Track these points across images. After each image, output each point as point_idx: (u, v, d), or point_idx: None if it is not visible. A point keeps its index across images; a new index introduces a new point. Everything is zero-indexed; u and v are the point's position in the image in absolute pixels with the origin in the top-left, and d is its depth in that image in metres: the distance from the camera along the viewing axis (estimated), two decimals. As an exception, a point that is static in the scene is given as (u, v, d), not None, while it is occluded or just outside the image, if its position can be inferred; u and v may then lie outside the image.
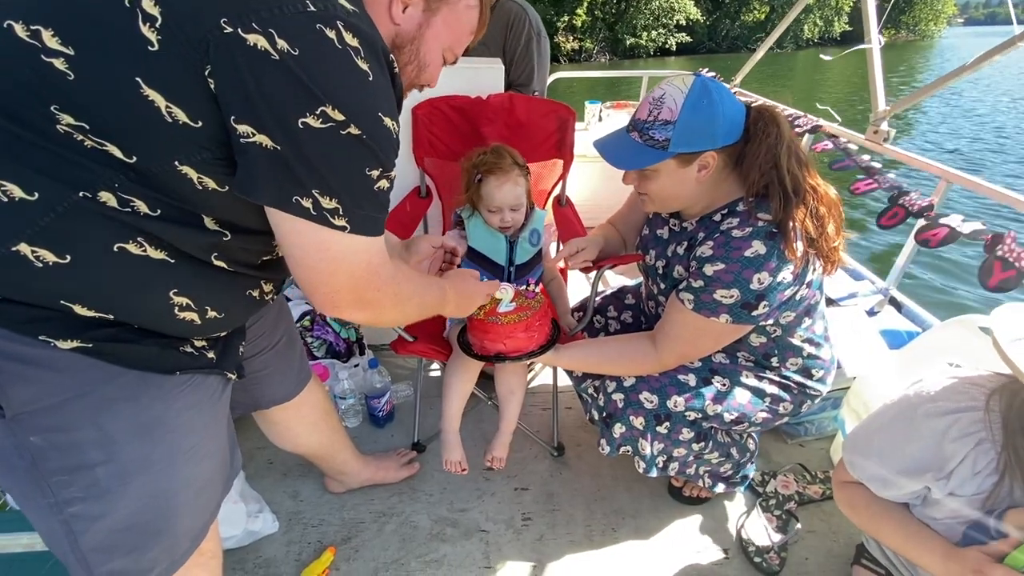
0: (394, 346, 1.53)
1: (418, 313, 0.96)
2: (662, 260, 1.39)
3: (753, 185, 1.17)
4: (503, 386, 1.53)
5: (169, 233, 0.73)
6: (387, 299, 0.84)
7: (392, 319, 0.90)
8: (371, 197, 0.74)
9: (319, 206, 0.71)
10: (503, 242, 1.57)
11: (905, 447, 0.97)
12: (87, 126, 0.65)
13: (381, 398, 1.88)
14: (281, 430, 1.41)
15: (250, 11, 0.63)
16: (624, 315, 1.65)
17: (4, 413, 0.72)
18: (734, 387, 1.34)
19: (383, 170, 0.74)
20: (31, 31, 0.63)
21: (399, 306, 0.88)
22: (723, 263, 1.16)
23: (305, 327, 2.01)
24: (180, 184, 0.71)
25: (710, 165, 1.17)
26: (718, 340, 1.26)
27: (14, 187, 0.65)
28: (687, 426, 1.33)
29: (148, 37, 0.63)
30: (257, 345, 1.20)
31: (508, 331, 1.31)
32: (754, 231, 1.15)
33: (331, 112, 0.67)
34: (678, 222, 1.36)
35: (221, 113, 0.66)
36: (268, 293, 0.94)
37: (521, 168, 1.55)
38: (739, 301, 1.17)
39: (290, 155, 0.67)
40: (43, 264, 0.68)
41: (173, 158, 0.69)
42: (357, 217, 0.73)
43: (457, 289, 1.14)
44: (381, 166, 0.73)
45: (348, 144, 0.69)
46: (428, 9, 0.84)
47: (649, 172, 1.21)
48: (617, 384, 1.36)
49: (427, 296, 0.98)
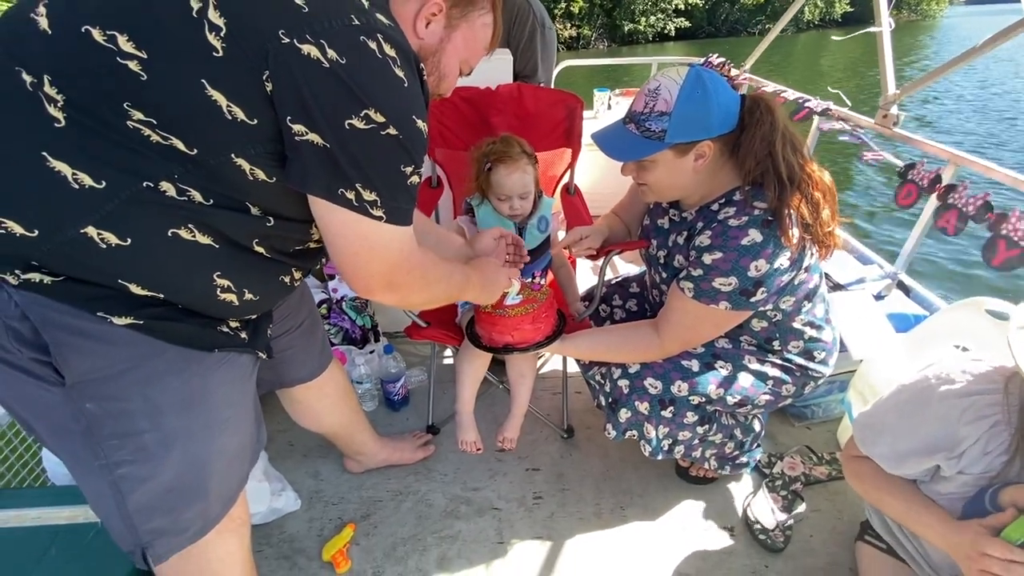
0: (408, 332, 1.57)
1: (445, 295, 1.02)
2: (663, 249, 1.40)
3: (749, 173, 1.18)
4: (514, 371, 1.57)
5: (218, 220, 0.79)
6: (416, 282, 0.90)
7: (419, 301, 0.96)
8: (404, 190, 0.80)
9: (361, 198, 0.77)
10: (512, 229, 1.60)
11: (920, 427, 0.98)
12: (155, 121, 0.71)
13: (396, 383, 1.92)
14: (304, 408, 1.46)
15: (304, 24, 0.70)
16: (629, 303, 1.68)
17: (65, 381, 0.78)
18: (737, 371, 1.35)
19: (415, 166, 0.80)
20: (107, 35, 0.69)
21: (426, 289, 0.94)
22: (721, 252, 1.18)
23: (322, 315, 2.06)
24: (233, 175, 0.76)
25: (706, 154, 1.18)
26: (719, 326, 1.28)
27: (85, 176, 0.71)
28: (691, 410, 1.35)
29: (214, 44, 0.69)
30: (283, 326, 1.26)
31: (515, 323, 1.34)
32: (750, 219, 1.16)
33: (373, 115, 0.73)
34: (677, 212, 1.37)
35: (276, 113, 0.73)
36: (297, 280, 1.00)
37: (529, 157, 1.57)
38: (737, 288, 1.18)
39: (337, 152, 0.74)
40: (107, 246, 0.74)
41: (230, 151, 0.75)
42: (392, 208, 0.79)
43: (481, 274, 1.19)
44: (413, 163, 0.80)
45: (387, 143, 0.75)
46: (449, 25, 0.91)
47: (647, 163, 1.22)
48: (622, 371, 1.38)
49: (452, 280, 1.04)
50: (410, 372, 2.09)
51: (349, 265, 0.83)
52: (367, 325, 2.12)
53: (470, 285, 1.12)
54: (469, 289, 1.12)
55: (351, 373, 1.93)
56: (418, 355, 2.23)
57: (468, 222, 1.64)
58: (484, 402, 1.98)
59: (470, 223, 1.63)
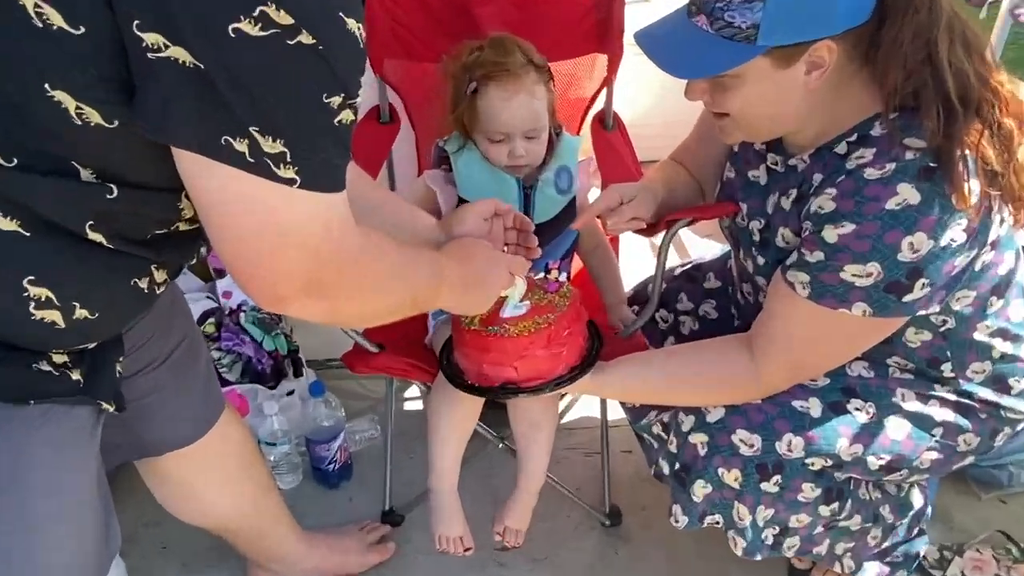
0: (350, 361, 1.57)
1: (402, 304, 1.02)
2: (758, 219, 1.39)
3: (895, 92, 1.17)
4: (522, 421, 1.57)
5: (28, 191, 0.79)
6: (352, 283, 0.91)
7: (360, 313, 0.96)
8: (330, 135, 0.80)
9: (258, 150, 0.76)
10: (513, 188, 1.59)
11: None
12: None
13: (331, 443, 1.92)
14: (181, 491, 1.46)
15: None
16: (704, 307, 1.66)
17: None
18: (884, 415, 1.35)
19: (346, 96, 0.80)
20: None
21: (371, 294, 0.94)
22: (853, 222, 1.17)
23: (208, 334, 2.06)
24: (50, 117, 0.76)
25: (826, 62, 1.17)
26: (852, 343, 1.28)
27: None
28: (810, 480, 1.35)
29: None
30: (142, 359, 1.25)
31: (520, 347, 1.33)
32: (900, 168, 1.15)
33: (273, 13, 0.71)
34: (780, 158, 1.37)
35: (115, 16, 0.72)
36: (160, 284, 1.00)
37: (539, 70, 1.56)
38: (882, 281, 1.18)
39: (218, 76, 0.72)
40: None
41: (42, 80, 0.74)
42: (312, 165, 0.79)
43: (461, 266, 1.18)
44: (344, 90, 0.79)
45: (297, 59, 0.74)
46: None
47: (728, 80, 1.21)
48: (696, 418, 1.38)
49: (414, 277, 1.04)
50: (354, 425, 2.09)
51: (240, 260, 0.83)
52: (282, 350, 2.12)
53: (444, 285, 1.12)
54: (443, 291, 1.12)
55: (257, 429, 1.93)
56: (367, 397, 2.23)
57: (442, 180, 1.62)
58: (475, 470, 1.98)
59: (445, 182, 1.62)
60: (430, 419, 1.54)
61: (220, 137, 0.75)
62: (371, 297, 0.95)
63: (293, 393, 2.07)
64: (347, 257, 0.88)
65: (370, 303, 0.96)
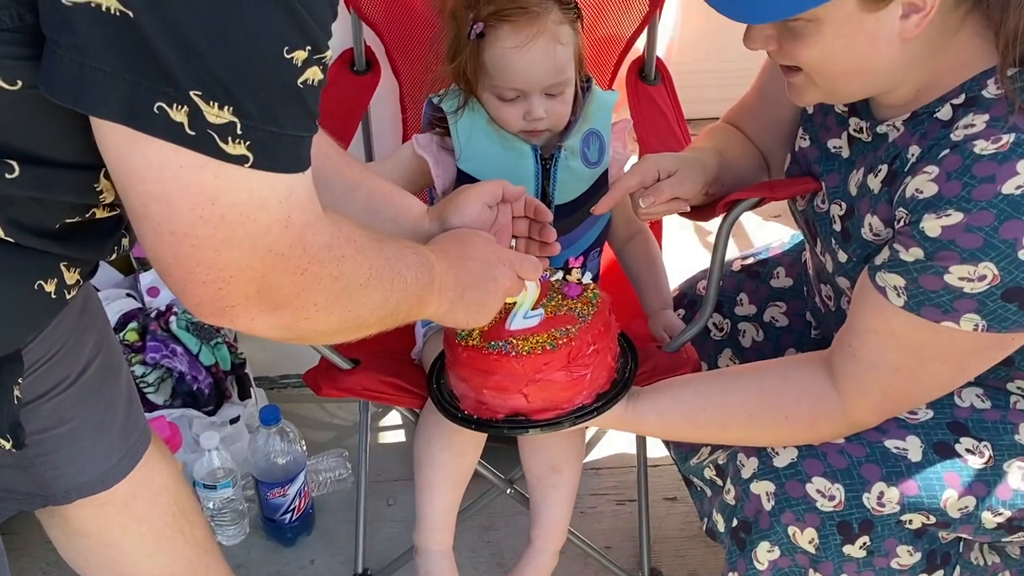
0: (314, 380, 1.58)
1: (374, 318, 1.03)
2: (839, 203, 1.40)
3: (1015, 43, 1.18)
4: (538, 459, 1.59)
5: None
6: (315, 290, 0.91)
7: (323, 328, 0.97)
8: (292, 100, 0.81)
9: (201, 120, 0.77)
10: (529, 160, 1.60)
11: None
12: None
13: (287, 486, 1.92)
14: (93, 550, 1.48)
15: None
16: (771, 312, 1.67)
17: None
18: (1003, 458, 1.35)
19: (312, 49, 0.81)
20: None
21: (339, 304, 0.95)
22: (961, 210, 1.17)
23: (129, 343, 2.07)
24: None
25: (927, 4, 1.17)
26: (962, 366, 1.28)
27: None
28: (907, 541, 1.36)
29: None
30: (46, 379, 1.26)
31: (531, 369, 1.34)
32: (1019, 141, 1.15)
33: None
34: (866, 124, 1.38)
35: None
36: (71, 286, 1.00)
37: (564, 5, 1.56)
38: (999, 286, 1.18)
39: (150, 25, 0.73)
40: None
41: None
42: (267, 138, 0.80)
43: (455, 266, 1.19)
44: (310, 42, 0.80)
45: (251, 5, 0.75)
46: None
47: (803, 25, 1.22)
48: (760, 462, 1.40)
49: (400, 279, 1.04)
50: (317, 463, 2.10)
51: (176, 260, 0.83)
52: (223, 365, 2.13)
53: (434, 289, 1.13)
54: (432, 297, 1.13)
55: (192, 468, 1.94)
56: (335, 427, 2.23)
57: (436, 148, 1.64)
58: (475, 523, 1.98)
59: (439, 149, 1.64)
60: (417, 457, 1.56)
61: (153, 104, 0.75)
62: (339, 308, 0.96)
63: (238, 420, 2.07)
64: (310, 256, 0.89)
65: (337, 316, 0.96)
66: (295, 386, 2.24)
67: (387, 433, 2.21)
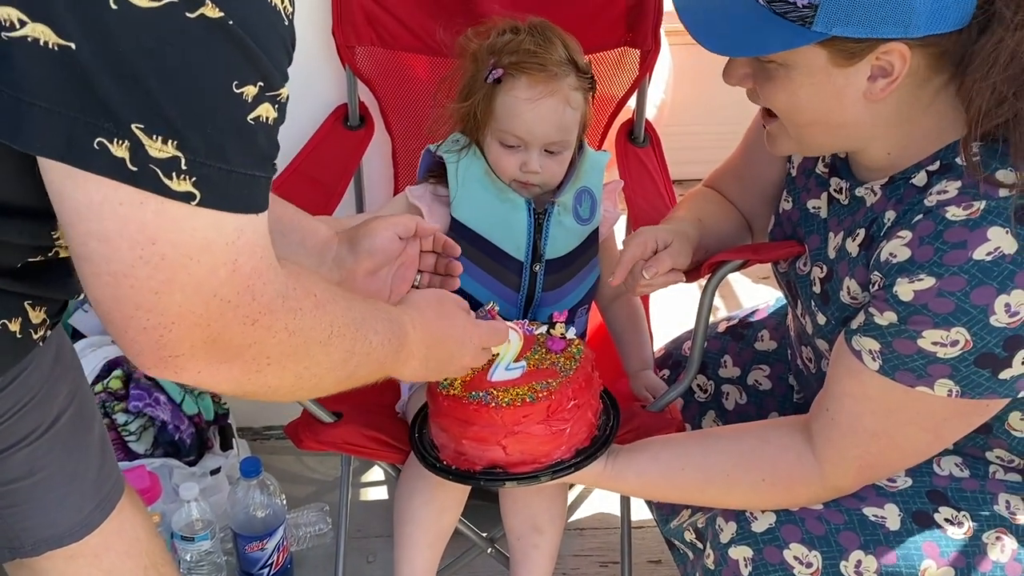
0: (296, 433, 1.57)
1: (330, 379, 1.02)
2: (820, 264, 1.41)
3: (982, 118, 1.19)
4: (519, 517, 1.58)
5: None
6: (272, 344, 0.89)
7: (275, 385, 0.94)
8: (242, 137, 0.80)
9: (143, 155, 0.75)
10: (522, 212, 1.61)
11: None
12: None
13: (267, 540, 1.92)
14: None
15: None
16: (754, 374, 1.67)
17: None
18: (982, 529, 1.34)
19: (264, 86, 0.80)
20: None
21: (293, 359, 0.93)
22: (933, 275, 1.18)
23: (113, 391, 2.06)
24: None
25: (895, 70, 1.19)
26: (937, 433, 1.28)
27: None
28: (885, 614, 1.36)
29: None
30: (17, 428, 1.24)
31: (510, 421, 1.34)
32: (989, 209, 1.17)
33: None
34: (846, 184, 1.39)
35: None
36: (37, 325, 1.00)
37: (581, 74, 1.60)
38: (971, 352, 1.19)
39: (92, 60, 0.73)
40: None
41: None
42: (215, 175, 0.79)
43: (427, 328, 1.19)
44: (262, 78, 0.80)
45: (200, 38, 0.75)
46: None
47: (775, 68, 1.24)
48: (739, 527, 1.38)
49: (361, 344, 1.03)
50: (297, 517, 2.09)
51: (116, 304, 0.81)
52: (206, 415, 2.12)
53: (405, 347, 1.13)
54: (403, 355, 1.13)
55: (170, 518, 1.93)
56: (315, 481, 2.23)
57: (430, 197, 1.65)
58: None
59: (433, 199, 1.65)
60: (397, 512, 1.55)
61: (92, 139, 0.75)
62: (294, 364, 0.94)
63: (219, 471, 2.06)
64: (261, 305, 0.86)
65: (292, 372, 0.95)
66: (278, 437, 2.23)
67: (369, 489, 2.20)
